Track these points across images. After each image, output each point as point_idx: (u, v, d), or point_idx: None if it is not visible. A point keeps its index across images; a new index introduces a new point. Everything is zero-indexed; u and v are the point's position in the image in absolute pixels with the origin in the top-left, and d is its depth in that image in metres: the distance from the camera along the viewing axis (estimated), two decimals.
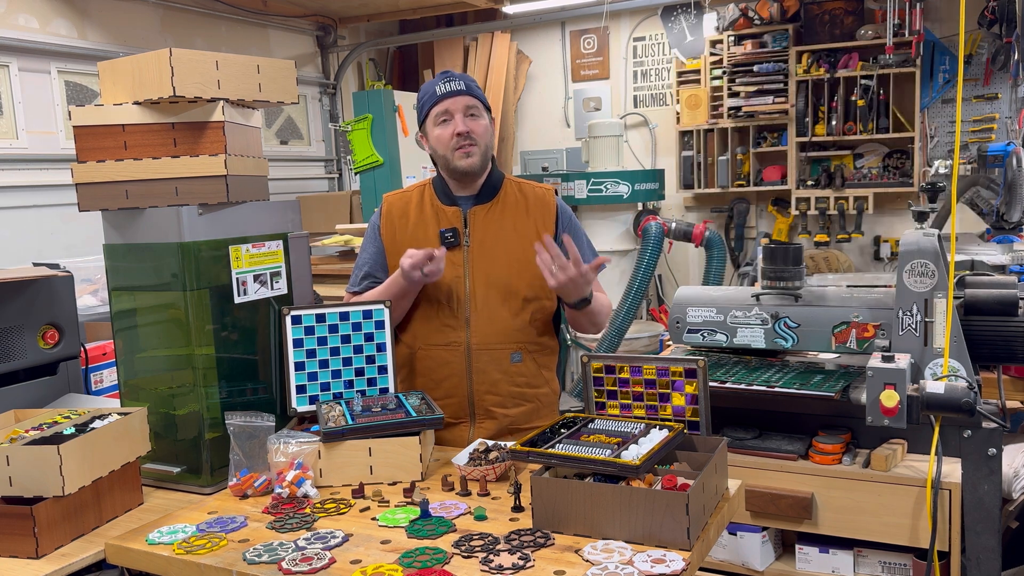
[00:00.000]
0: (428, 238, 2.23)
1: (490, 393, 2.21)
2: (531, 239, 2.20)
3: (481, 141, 2.19)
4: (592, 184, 5.51)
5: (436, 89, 2.20)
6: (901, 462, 2.44)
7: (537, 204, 2.28)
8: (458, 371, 2.21)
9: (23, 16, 4.59)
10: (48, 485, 1.68)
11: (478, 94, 2.23)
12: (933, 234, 2.37)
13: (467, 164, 2.18)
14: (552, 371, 2.34)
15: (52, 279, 2.33)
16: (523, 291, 2.21)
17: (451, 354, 2.22)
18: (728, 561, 2.66)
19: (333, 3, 6.18)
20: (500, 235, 2.23)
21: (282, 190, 6.21)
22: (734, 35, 5.69)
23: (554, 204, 2.29)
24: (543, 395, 2.29)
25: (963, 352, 2.29)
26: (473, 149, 2.18)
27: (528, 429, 2.19)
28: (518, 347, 2.22)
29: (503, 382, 2.21)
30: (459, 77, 2.22)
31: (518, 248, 2.22)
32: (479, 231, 2.23)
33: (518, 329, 2.22)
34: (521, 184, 2.32)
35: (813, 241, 5.67)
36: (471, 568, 1.47)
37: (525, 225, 2.24)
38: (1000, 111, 5.15)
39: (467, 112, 2.19)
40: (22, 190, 4.55)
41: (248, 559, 1.54)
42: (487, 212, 2.25)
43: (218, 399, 2.01)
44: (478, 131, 2.19)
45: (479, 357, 2.20)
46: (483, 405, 2.22)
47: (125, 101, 1.97)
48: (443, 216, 2.25)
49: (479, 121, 2.20)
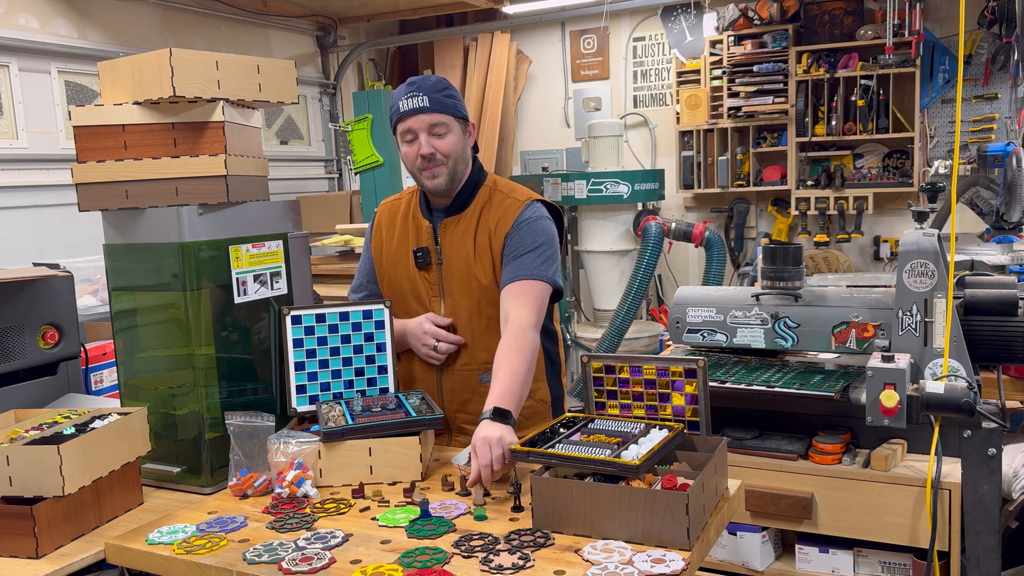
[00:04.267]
0: (406, 255, 2.21)
1: (461, 412, 2.21)
2: (484, 253, 2.13)
3: (448, 159, 2.09)
4: (592, 184, 5.51)
5: (401, 105, 2.09)
6: (901, 462, 2.44)
7: (500, 214, 2.15)
8: (430, 388, 2.22)
9: (23, 16, 4.59)
10: (48, 485, 1.68)
11: (444, 106, 2.08)
12: (933, 234, 2.37)
13: (432, 185, 2.11)
14: (539, 380, 2.21)
15: (52, 279, 2.33)
16: (489, 309, 2.14)
17: (425, 371, 2.22)
18: (728, 561, 2.66)
19: (333, 3, 6.18)
20: (462, 252, 2.15)
21: (282, 190, 6.21)
22: (734, 35, 5.69)
23: (515, 214, 2.13)
24: (524, 408, 2.10)
25: (963, 352, 2.29)
26: (438, 170, 2.09)
27: None
28: (486, 367, 2.10)
29: (473, 402, 2.17)
30: (425, 90, 2.07)
31: (477, 266, 2.13)
32: (447, 247, 2.16)
33: (486, 349, 2.12)
34: (495, 192, 2.19)
35: (813, 241, 5.67)
36: (471, 568, 1.47)
37: (482, 239, 2.14)
38: (1000, 111, 5.15)
39: (431, 131, 2.07)
40: (22, 190, 4.55)
41: (248, 559, 1.54)
42: (455, 225, 2.16)
43: (218, 399, 2.01)
44: (444, 149, 2.08)
45: (449, 376, 2.20)
46: (456, 423, 2.22)
47: (125, 101, 1.97)
48: (419, 233, 2.20)
49: (445, 139, 2.08)
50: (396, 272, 2.24)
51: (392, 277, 2.25)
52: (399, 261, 2.23)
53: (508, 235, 2.11)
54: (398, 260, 2.23)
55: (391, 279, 2.25)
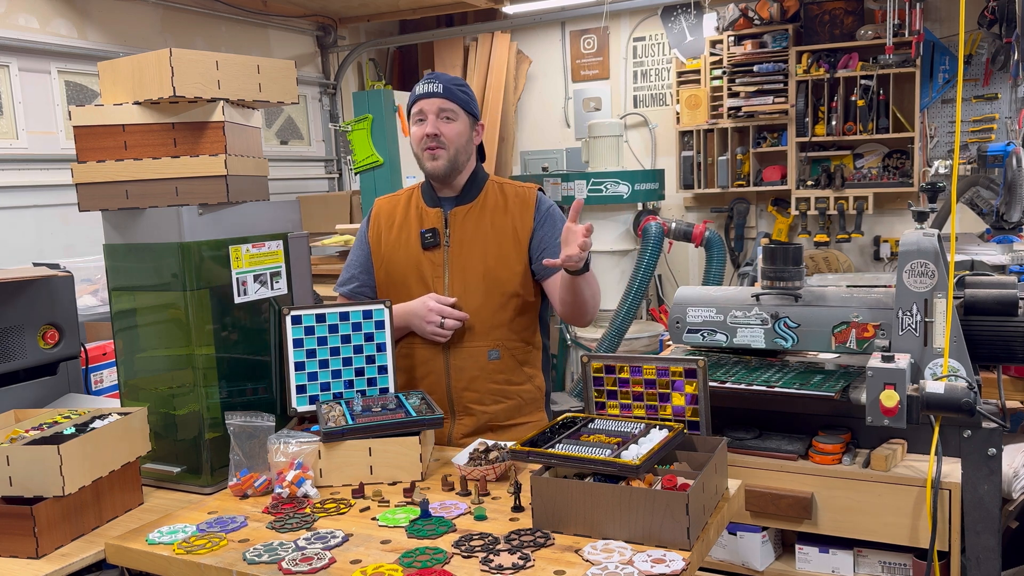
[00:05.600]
0: (410, 239, 2.28)
1: (468, 390, 2.24)
2: (509, 236, 2.25)
3: (451, 145, 2.20)
4: (592, 184, 5.51)
5: (417, 88, 2.25)
6: (901, 462, 2.44)
7: (516, 202, 2.29)
8: (437, 368, 2.25)
9: (23, 16, 4.59)
10: (48, 485, 1.68)
11: (457, 97, 2.22)
12: (933, 234, 2.37)
13: (432, 166, 2.22)
14: (536, 368, 2.35)
15: (52, 279, 2.33)
16: (501, 289, 2.23)
17: (430, 351, 2.25)
18: (728, 561, 2.66)
19: (333, 3, 6.17)
20: (478, 234, 2.25)
21: (282, 190, 6.21)
22: (734, 35, 5.69)
23: (533, 199, 2.29)
24: (525, 391, 2.30)
25: (963, 352, 2.29)
26: (440, 152, 2.20)
27: (509, 426, 2.26)
28: (496, 344, 2.24)
29: (481, 379, 2.24)
30: (442, 79, 2.23)
31: (495, 246, 2.24)
32: (459, 231, 2.25)
33: (496, 327, 2.24)
34: (503, 184, 2.34)
35: (813, 241, 5.67)
36: (471, 568, 1.47)
37: (503, 223, 2.26)
38: (1000, 111, 5.15)
39: (440, 114, 2.20)
40: (22, 190, 4.55)
41: (248, 559, 1.54)
42: (467, 212, 2.27)
43: (218, 399, 2.01)
44: (448, 134, 2.20)
45: (457, 354, 2.23)
46: (462, 402, 2.25)
47: (125, 101, 1.97)
48: (425, 217, 2.29)
49: (451, 124, 2.21)
50: (396, 256, 2.29)
51: (392, 262, 2.30)
52: (399, 246, 2.29)
53: (536, 220, 2.25)
54: (398, 245, 2.29)
55: (390, 264, 2.31)
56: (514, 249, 2.25)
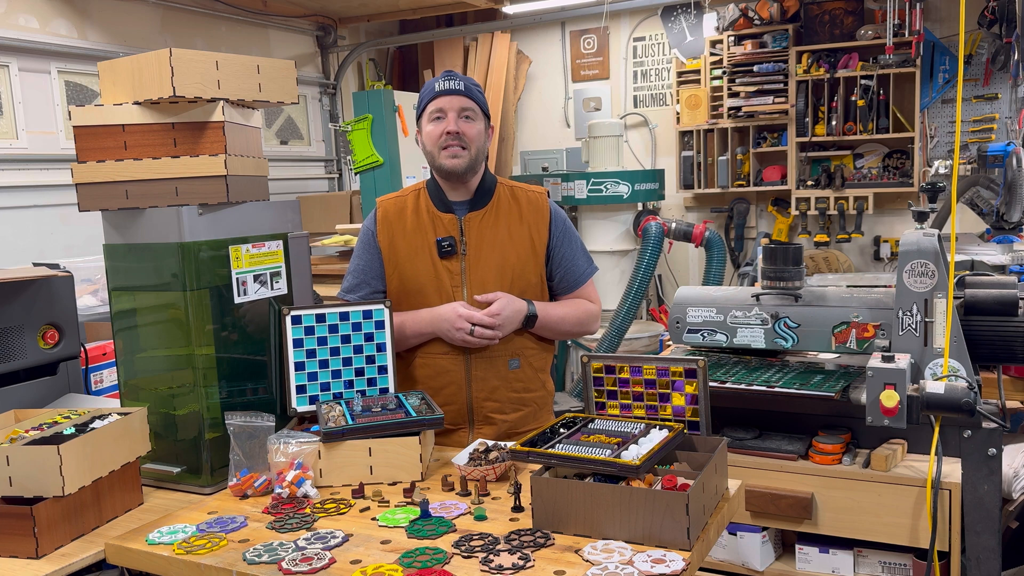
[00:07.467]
0: (426, 246, 2.23)
1: (489, 400, 2.22)
2: (526, 245, 2.23)
3: (472, 144, 2.18)
4: (592, 184, 5.51)
5: (436, 85, 2.19)
6: (901, 462, 2.44)
7: (531, 209, 2.27)
8: (457, 379, 2.22)
9: (23, 16, 4.59)
10: (48, 485, 1.68)
11: (477, 98, 2.21)
12: (933, 234, 2.37)
13: (451, 164, 2.17)
14: (547, 373, 2.35)
15: (52, 279, 2.33)
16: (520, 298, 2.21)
17: (450, 362, 2.22)
18: (728, 561, 2.66)
19: (333, 3, 6.17)
20: (495, 242, 2.23)
21: (282, 190, 6.21)
22: (734, 35, 5.69)
23: (548, 209, 2.28)
24: (539, 398, 2.30)
25: (963, 352, 2.29)
26: (461, 151, 2.16)
27: (525, 432, 2.21)
28: (516, 354, 2.23)
29: (502, 388, 2.22)
30: (462, 79, 2.20)
31: (512, 255, 2.23)
32: (475, 239, 2.22)
33: (516, 335, 2.22)
34: (514, 188, 2.30)
35: (813, 241, 5.67)
36: (471, 568, 1.47)
37: (519, 231, 2.24)
38: (1000, 111, 5.15)
39: (461, 113, 2.17)
40: (22, 190, 4.55)
41: (248, 559, 1.54)
42: (482, 219, 2.24)
43: (218, 399, 2.01)
44: (470, 134, 2.17)
45: (478, 365, 2.21)
46: (482, 412, 2.23)
47: (125, 101, 1.97)
48: (439, 224, 2.24)
49: (472, 124, 2.19)
50: (415, 265, 2.23)
51: (409, 271, 2.24)
52: (415, 254, 2.23)
53: (552, 233, 2.27)
54: (414, 253, 2.23)
55: (406, 273, 2.24)
56: (532, 259, 2.24)
